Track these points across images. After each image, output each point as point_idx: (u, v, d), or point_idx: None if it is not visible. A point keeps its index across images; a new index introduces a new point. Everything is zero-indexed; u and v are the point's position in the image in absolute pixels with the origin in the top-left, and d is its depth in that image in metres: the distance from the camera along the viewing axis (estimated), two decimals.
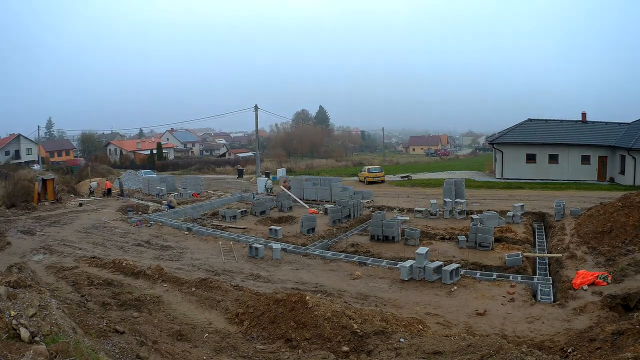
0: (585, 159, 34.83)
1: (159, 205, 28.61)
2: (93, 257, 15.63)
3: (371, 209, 24.85)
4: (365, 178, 39.01)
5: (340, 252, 16.76)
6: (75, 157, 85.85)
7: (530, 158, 36.53)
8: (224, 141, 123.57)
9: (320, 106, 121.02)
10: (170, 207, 26.81)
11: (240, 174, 50.31)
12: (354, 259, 15.33)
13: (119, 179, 37.42)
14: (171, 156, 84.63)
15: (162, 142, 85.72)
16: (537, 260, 15.24)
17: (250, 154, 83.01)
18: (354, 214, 22.71)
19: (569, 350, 7.77)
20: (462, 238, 16.88)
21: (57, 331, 5.46)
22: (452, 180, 25.07)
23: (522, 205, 21.60)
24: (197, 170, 62.04)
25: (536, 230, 19.73)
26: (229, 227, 21.30)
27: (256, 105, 46.01)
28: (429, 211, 22.36)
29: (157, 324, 9.14)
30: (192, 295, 11.33)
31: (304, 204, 26.78)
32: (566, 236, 16.69)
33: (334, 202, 25.23)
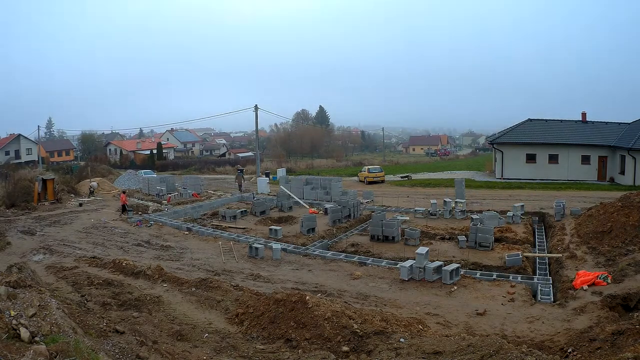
0: (585, 159, 34.83)
1: (159, 205, 28.69)
2: (93, 257, 15.64)
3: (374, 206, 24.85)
4: (365, 178, 39.01)
5: (340, 252, 16.76)
6: (74, 157, 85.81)
7: (530, 158, 36.54)
8: (224, 141, 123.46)
9: (320, 106, 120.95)
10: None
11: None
12: (354, 259, 15.32)
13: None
14: (171, 156, 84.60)
15: (162, 142, 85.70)
16: (537, 260, 15.23)
17: (250, 154, 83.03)
18: (354, 214, 22.71)
19: (569, 350, 7.76)
20: (462, 238, 16.88)
21: (57, 331, 5.46)
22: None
23: (522, 205, 21.59)
24: (197, 170, 62.02)
25: (536, 230, 19.71)
26: (229, 227, 21.30)
27: (256, 105, 46.00)
28: (429, 211, 22.36)
29: (157, 324, 9.14)
30: (192, 295, 11.33)
31: (304, 204, 26.78)
32: (566, 236, 16.68)
33: (334, 201, 25.31)
